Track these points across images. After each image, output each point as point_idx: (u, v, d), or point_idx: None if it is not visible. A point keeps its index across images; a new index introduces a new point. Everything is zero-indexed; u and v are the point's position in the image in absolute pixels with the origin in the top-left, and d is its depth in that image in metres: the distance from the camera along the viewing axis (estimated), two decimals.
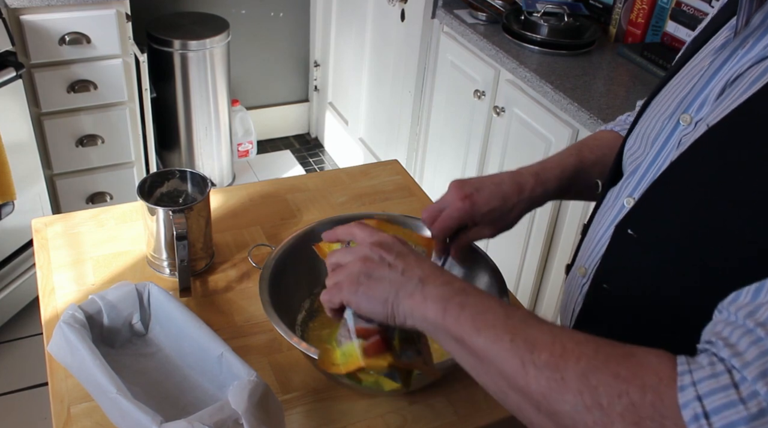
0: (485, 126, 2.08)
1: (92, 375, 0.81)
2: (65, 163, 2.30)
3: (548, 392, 0.52)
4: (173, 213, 1.02)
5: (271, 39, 3.10)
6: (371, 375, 0.73)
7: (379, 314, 0.67)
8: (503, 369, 0.55)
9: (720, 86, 0.65)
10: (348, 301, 0.69)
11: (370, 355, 0.69)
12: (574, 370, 0.51)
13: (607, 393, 0.48)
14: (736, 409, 0.44)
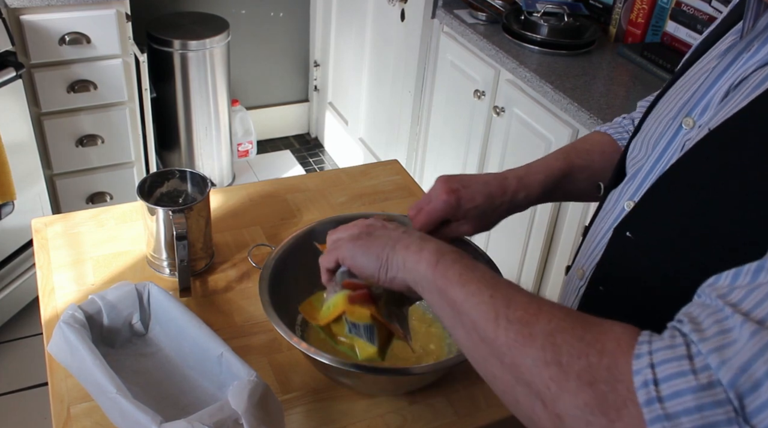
0: (485, 126, 2.08)
1: (92, 375, 0.81)
2: (65, 163, 2.30)
3: (514, 344, 0.53)
4: (173, 213, 1.02)
5: (271, 39, 3.10)
6: (348, 337, 0.74)
7: (372, 268, 0.70)
8: (477, 321, 0.57)
9: (724, 90, 0.65)
10: (343, 257, 0.72)
11: (354, 303, 0.72)
12: (543, 328, 0.53)
13: (568, 353, 0.50)
14: (685, 379, 0.45)
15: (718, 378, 0.44)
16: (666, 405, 0.45)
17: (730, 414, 0.43)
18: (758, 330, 0.45)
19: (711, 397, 0.44)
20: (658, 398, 0.45)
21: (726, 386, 0.44)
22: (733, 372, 0.44)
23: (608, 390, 0.47)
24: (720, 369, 0.44)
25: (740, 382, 0.43)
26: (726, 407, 0.43)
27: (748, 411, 0.43)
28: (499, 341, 0.55)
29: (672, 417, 0.44)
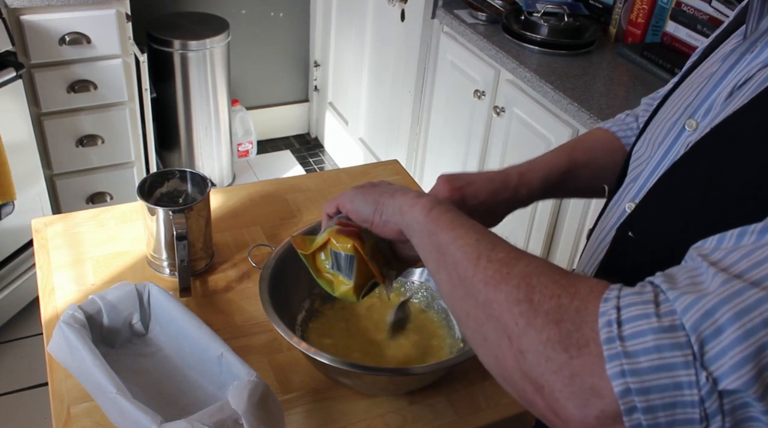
0: (485, 126, 2.08)
1: (92, 375, 0.81)
2: (65, 163, 2.30)
3: (490, 281, 0.54)
4: (173, 213, 1.02)
5: (271, 39, 3.10)
6: (330, 273, 0.76)
7: (368, 211, 0.73)
8: (460, 261, 0.58)
9: (727, 91, 0.65)
10: (343, 202, 0.76)
11: (341, 234, 0.74)
12: (521, 270, 0.54)
13: (540, 293, 0.51)
14: (648, 320, 0.45)
15: (682, 322, 0.44)
16: (626, 344, 0.45)
17: (688, 357, 0.43)
18: (730, 280, 0.45)
19: (671, 339, 0.44)
20: (619, 336, 0.45)
21: (688, 330, 0.44)
22: (697, 316, 0.44)
23: (573, 329, 0.47)
24: (685, 313, 0.44)
25: (702, 327, 0.43)
26: (685, 350, 0.43)
27: (708, 357, 0.43)
28: (476, 278, 0.56)
29: (630, 355, 0.44)
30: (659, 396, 0.44)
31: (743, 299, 0.43)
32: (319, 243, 0.77)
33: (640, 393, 0.44)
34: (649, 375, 0.44)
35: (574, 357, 0.47)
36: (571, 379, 0.47)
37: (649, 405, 0.44)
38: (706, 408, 0.43)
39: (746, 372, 0.42)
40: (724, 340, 0.43)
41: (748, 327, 0.42)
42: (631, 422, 0.44)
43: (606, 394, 0.45)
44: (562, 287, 0.51)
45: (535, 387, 0.50)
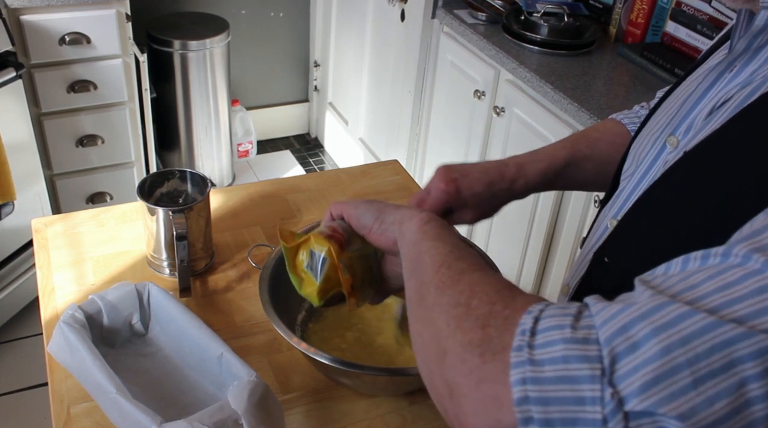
0: (485, 126, 2.08)
1: (92, 375, 0.81)
2: (65, 163, 2.30)
3: (440, 285, 0.55)
4: (173, 213, 1.02)
5: (271, 39, 3.10)
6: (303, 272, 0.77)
7: (369, 218, 0.73)
8: (425, 266, 0.59)
9: (707, 111, 0.63)
10: (347, 207, 0.76)
11: (322, 235, 0.75)
12: (473, 278, 0.54)
13: (479, 299, 0.50)
14: (561, 331, 0.43)
15: (597, 336, 0.42)
16: (534, 352, 0.43)
17: (595, 371, 0.40)
18: (655, 295, 0.42)
19: (581, 351, 0.41)
20: (528, 344, 0.43)
21: (602, 343, 0.41)
22: (613, 330, 0.41)
23: (495, 335, 0.46)
24: (602, 327, 0.42)
25: (617, 342, 0.41)
26: (594, 364, 0.41)
27: (618, 374, 0.40)
28: (432, 282, 0.56)
29: (536, 363, 0.42)
30: (559, 409, 0.41)
31: (663, 315, 0.41)
32: (301, 239, 0.78)
33: (538, 403, 0.41)
34: (552, 385, 0.41)
35: (487, 362, 0.45)
36: (477, 384, 0.45)
37: (548, 418, 0.41)
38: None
39: (657, 392, 0.39)
40: (638, 357, 0.40)
41: (664, 344, 0.40)
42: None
43: (505, 403, 0.43)
44: (501, 297, 0.50)
45: (448, 391, 0.48)
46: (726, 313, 0.40)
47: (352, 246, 0.76)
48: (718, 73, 0.65)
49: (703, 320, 0.40)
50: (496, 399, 0.43)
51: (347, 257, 0.74)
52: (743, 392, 0.38)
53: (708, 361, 0.39)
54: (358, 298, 0.77)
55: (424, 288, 0.57)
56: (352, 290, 0.76)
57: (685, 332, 0.40)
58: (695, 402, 0.38)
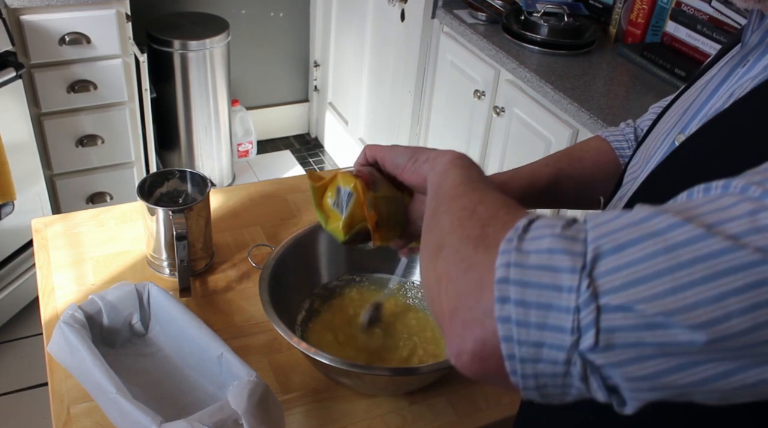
0: (485, 126, 2.08)
1: (92, 375, 0.81)
2: (65, 163, 2.30)
3: (454, 196, 0.56)
4: (173, 213, 1.02)
5: (271, 39, 3.10)
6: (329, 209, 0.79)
7: (404, 157, 0.74)
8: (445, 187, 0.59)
9: (719, 106, 0.63)
10: (381, 150, 0.77)
11: (349, 174, 0.76)
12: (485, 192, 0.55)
13: (486, 206, 0.51)
14: (552, 229, 0.44)
15: (585, 236, 0.43)
16: (522, 244, 0.44)
17: (576, 264, 0.41)
18: (647, 207, 0.43)
19: (566, 245, 0.42)
20: (518, 237, 0.44)
21: (589, 242, 0.42)
22: (601, 232, 0.42)
23: (491, 233, 0.47)
24: (592, 230, 0.43)
25: (603, 242, 0.42)
26: (576, 258, 0.41)
27: (598, 271, 0.41)
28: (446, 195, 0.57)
29: (522, 251, 0.43)
30: (536, 292, 0.42)
31: (654, 223, 0.41)
32: (329, 179, 0.80)
33: (517, 284, 0.42)
34: (533, 271, 0.42)
35: (479, 253, 0.46)
36: (466, 271, 0.46)
37: (524, 299, 0.42)
38: (581, 318, 0.41)
39: (637, 292, 0.40)
40: (622, 258, 0.40)
41: (650, 250, 0.40)
42: (501, 312, 0.43)
43: (487, 285, 0.44)
44: (507, 207, 0.50)
45: (437, 280, 0.49)
46: (717, 230, 0.40)
47: (379, 189, 0.77)
48: (730, 68, 0.65)
49: (691, 231, 0.40)
50: (480, 283, 0.45)
51: (373, 196, 0.75)
52: (722, 305, 0.38)
53: (690, 270, 0.39)
54: (383, 235, 0.77)
55: (439, 202, 0.58)
56: (376, 226, 0.76)
57: (672, 241, 0.40)
58: (673, 307, 0.39)
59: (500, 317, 0.43)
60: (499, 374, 0.44)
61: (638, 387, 0.41)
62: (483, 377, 0.46)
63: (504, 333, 0.43)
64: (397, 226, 0.78)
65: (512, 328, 0.42)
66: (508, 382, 0.44)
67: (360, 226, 0.77)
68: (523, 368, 0.43)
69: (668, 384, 0.41)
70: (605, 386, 0.42)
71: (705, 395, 0.41)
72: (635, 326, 0.40)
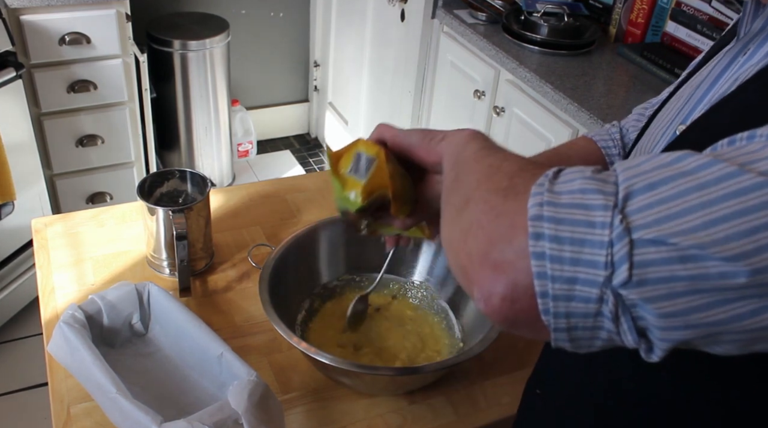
0: (485, 126, 2.08)
1: (92, 375, 0.81)
2: (65, 163, 2.30)
3: (478, 157, 0.56)
4: (173, 213, 1.02)
5: (271, 39, 3.10)
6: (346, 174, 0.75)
7: (419, 136, 0.72)
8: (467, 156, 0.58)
9: (720, 93, 0.63)
10: (394, 130, 0.74)
11: (370, 141, 0.74)
12: (508, 153, 0.55)
13: (513, 162, 0.52)
14: (582, 173, 0.44)
15: (616, 178, 0.43)
16: (554, 186, 0.44)
17: (609, 202, 0.42)
18: (681, 151, 0.43)
19: (598, 185, 0.43)
20: (549, 181, 0.45)
21: (620, 183, 0.42)
22: (632, 172, 0.43)
23: (520, 183, 0.47)
24: (623, 172, 0.43)
25: (634, 181, 0.42)
26: (608, 196, 0.42)
27: (630, 208, 0.41)
28: (468, 159, 0.56)
29: (553, 192, 0.43)
30: (570, 229, 0.42)
31: (685, 164, 0.42)
32: (347, 146, 0.77)
33: (551, 221, 0.42)
34: (566, 208, 0.42)
35: (509, 200, 0.46)
36: (496, 217, 0.46)
37: (558, 235, 0.42)
38: (614, 252, 0.41)
39: (670, 227, 0.40)
40: (654, 196, 0.41)
41: (681, 188, 0.41)
42: (535, 248, 0.42)
43: (519, 225, 0.44)
44: (533, 163, 0.50)
45: (464, 231, 0.49)
46: (748, 168, 0.40)
47: (395, 164, 0.75)
48: (731, 57, 0.65)
49: (723, 169, 0.40)
50: (512, 225, 0.44)
51: (392, 166, 0.74)
52: (755, 238, 0.39)
53: (720, 206, 0.39)
54: (398, 207, 0.76)
55: (460, 167, 0.57)
56: (395, 196, 0.75)
57: (703, 178, 0.40)
58: (705, 240, 0.39)
59: (534, 253, 0.43)
60: (530, 315, 0.44)
61: (669, 324, 0.41)
62: (512, 321, 0.45)
63: (538, 270, 0.42)
64: (409, 201, 0.77)
65: (546, 264, 0.42)
66: (537, 324, 0.44)
67: (379, 193, 0.74)
68: (555, 306, 0.43)
69: (700, 321, 0.41)
70: (635, 327, 0.42)
71: (732, 336, 0.41)
72: (668, 258, 0.40)
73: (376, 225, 0.79)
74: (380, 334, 1.01)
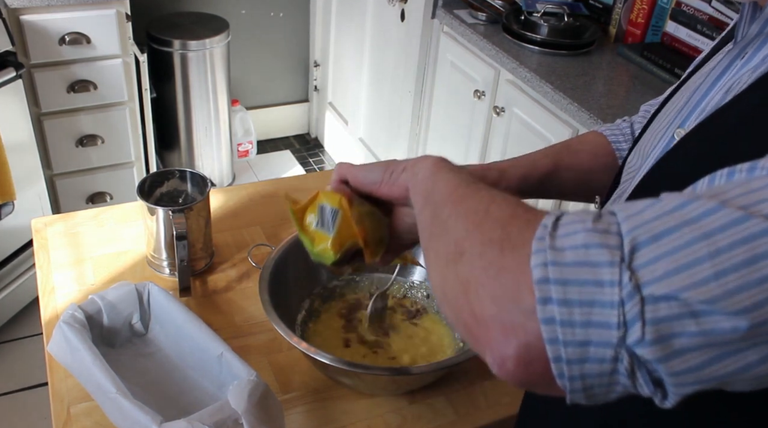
0: (485, 126, 2.08)
1: (92, 374, 0.81)
2: (65, 163, 2.30)
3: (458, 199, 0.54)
4: (173, 213, 1.02)
5: (271, 39, 3.10)
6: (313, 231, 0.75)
7: (378, 172, 0.72)
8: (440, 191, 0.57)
9: (718, 97, 0.63)
10: (350, 168, 0.75)
11: (330, 191, 0.74)
12: (490, 192, 0.53)
13: (500, 206, 0.50)
14: (583, 223, 0.43)
15: (618, 229, 0.42)
16: (555, 241, 0.43)
17: (615, 257, 0.41)
18: (680, 195, 0.42)
19: (601, 238, 0.41)
20: (550, 235, 0.43)
21: (624, 234, 0.41)
22: (635, 222, 0.42)
23: (516, 233, 0.46)
24: (625, 221, 0.42)
25: (639, 232, 0.41)
26: (613, 251, 0.41)
27: (638, 262, 0.40)
28: (448, 200, 0.55)
29: (556, 248, 0.42)
30: (578, 290, 0.41)
31: (688, 211, 0.41)
32: (309, 200, 0.77)
33: (558, 283, 0.41)
34: (571, 267, 0.41)
35: (507, 255, 0.45)
36: (497, 274, 0.45)
37: (566, 298, 0.41)
38: (626, 311, 0.40)
39: (680, 280, 0.39)
40: (660, 248, 0.40)
41: (687, 238, 0.40)
42: (544, 313, 0.41)
43: (525, 286, 0.42)
44: (521, 206, 0.49)
45: (463, 288, 0.47)
46: (753, 210, 0.39)
47: (360, 206, 0.75)
48: (729, 60, 0.65)
49: (728, 215, 0.39)
50: (516, 284, 0.43)
51: (357, 212, 0.73)
52: (766, 288, 0.38)
53: (729, 255, 0.39)
54: (372, 251, 0.75)
55: (439, 207, 0.56)
56: (365, 243, 0.74)
57: (709, 226, 0.40)
58: (716, 293, 0.38)
59: (543, 319, 0.42)
60: (545, 378, 0.43)
61: (682, 380, 0.41)
62: (528, 383, 0.45)
63: (549, 335, 0.42)
64: (382, 241, 0.77)
65: (557, 329, 0.41)
66: (553, 386, 0.43)
67: (349, 243, 0.74)
68: (570, 370, 0.42)
69: (712, 375, 0.40)
70: (651, 379, 0.41)
71: (744, 382, 0.41)
72: (680, 314, 0.39)
73: (357, 266, 0.78)
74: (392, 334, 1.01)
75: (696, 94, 0.68)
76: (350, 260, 0.77)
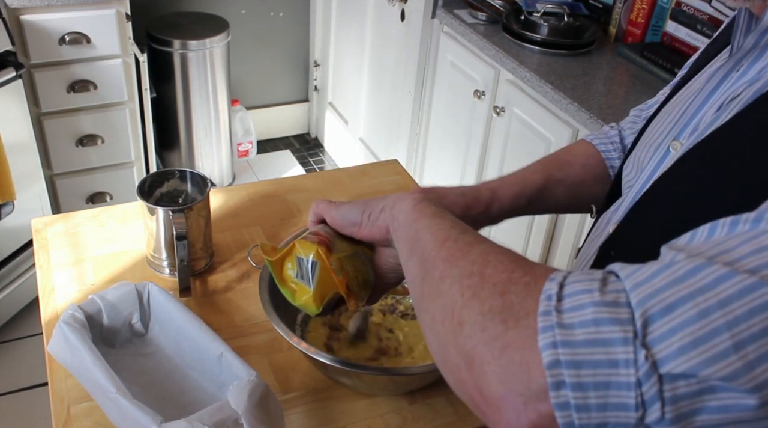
0: (485, 126, 2.08)
1: (92, 374, 0.81)
2: (65, 163, 2.30)
3: (449, 258, 0.53)
4: (173, 213, 1.02)
5: (271, 39, 3.10)
6: (294, 282, 0.74)
7: (356, 213, 0.71)
8: (427, 242, 0.57)
9: (713, 110, 0.62)
10: (327, 209, 0.74)
11: (306, 240, 0.73)
12: (483, 248, 0.52)
13: (494, 267, 0.48)
14: (590, 294, 0.41)
15: (627, 299, 0.40)
16: (563, 316, 0.41)
17: (627, 334, 0.39)
18: (690, 258, 0.41)
19: (611, 314, 0.40)
20: (556, 309, 0.42)
21: (634, 306, 0.40)
22: (646, 294, 0.40)
23: (516, 302, 0.44)
24: (633, 290, 0.41)
25: (649, 305, 0.39)
26: (626, 326, 0.39)
27: (651, 337, 0.39)
28: (438, 256, 0.54)
29: (565, 326, 0.41)
30: (592, 372, 0.39)
31: (700, 278, 0.39)
32: (285, 251, 0.75)
33: (570, 367, 0.40)
34: (583, 348, 0.40)
35: (510, 328, 0.43)
36: (501, 351, 0.43)
37: (580, 382, 0.40)
38: (643, 392, 0.38)
39: (697, 355, 0.38)
40: (674, 320, 0.39)
41: (702, 308, 0.38)
42: (558, 398, 0.40)
43: (534, 367, 0.41)
44: (518, 265, 0.48)
45: (466, 362, 0.46)
46: (765, 274, 0.38)
47: (339, 249, 0.73)
48: (724, 73, 0.64)
49: (741, 282, 0.38)
50: (524, 365, 0.42)
51: (337, 259, 0.72)
52: None
53: (748, 324, 0.38)
54: (356, 296, 0.74)
55: (428, 264, 0.54)
56: (348, 290, 0.73)
57: (723, 294, 0.38)
58: (737, 366, 0.37)
59: (557, 404, 0.40)
60: None
61: None
62: None
63: (564, 421, 0.40)
64: (367, 284, 0.75)
65: (572, 414, 0.40)
66: None
67: (332, 294, 0.73)
68: None
69: None
70: None
71: None
72: (699, 391, 0.38)
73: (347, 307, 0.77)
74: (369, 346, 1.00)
75: (691, 107, 0.67)
76: (336, 306, 0.76)
